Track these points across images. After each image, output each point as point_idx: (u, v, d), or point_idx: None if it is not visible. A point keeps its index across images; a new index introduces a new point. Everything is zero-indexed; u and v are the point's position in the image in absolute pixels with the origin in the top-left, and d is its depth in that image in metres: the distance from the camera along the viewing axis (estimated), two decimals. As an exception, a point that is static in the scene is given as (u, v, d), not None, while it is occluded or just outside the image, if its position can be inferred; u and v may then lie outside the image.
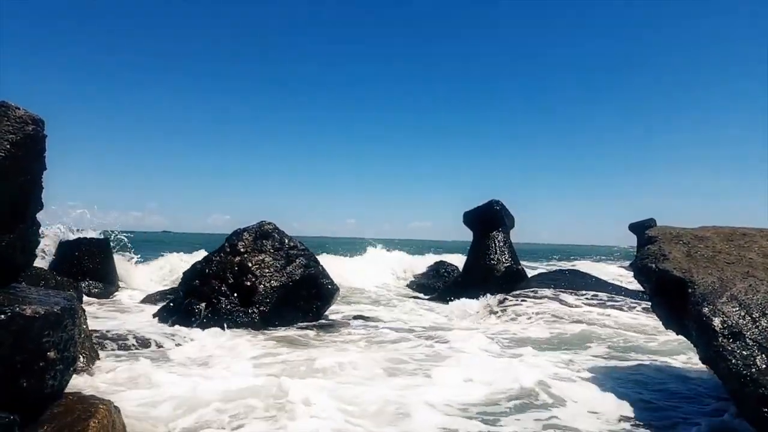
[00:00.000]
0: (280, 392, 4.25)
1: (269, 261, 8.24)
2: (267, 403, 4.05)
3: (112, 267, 12.16)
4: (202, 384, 4.52)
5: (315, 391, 4.23)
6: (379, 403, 4.12)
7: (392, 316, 9.48)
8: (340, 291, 9.18)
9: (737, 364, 3.24)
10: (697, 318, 3.65)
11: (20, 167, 3.23)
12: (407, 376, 5.00)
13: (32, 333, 2.93)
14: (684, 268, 4.06)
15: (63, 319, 3.19)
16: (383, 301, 12.08)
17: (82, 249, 11.61)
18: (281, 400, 4.10)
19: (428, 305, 11.33)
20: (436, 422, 3.76)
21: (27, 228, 3.43)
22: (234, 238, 8.50)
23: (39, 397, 3.10)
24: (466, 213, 12.83)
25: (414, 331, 7.45)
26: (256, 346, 6.39)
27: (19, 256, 3.39)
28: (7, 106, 3.21)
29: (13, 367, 2.87)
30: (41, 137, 3.39)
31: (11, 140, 3.13)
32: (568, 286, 9.91)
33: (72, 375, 3.52)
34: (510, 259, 11.83)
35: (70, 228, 12.19)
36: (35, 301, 3.10)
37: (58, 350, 3.14)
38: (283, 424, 3.66)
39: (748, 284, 3.72)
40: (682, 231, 4.68)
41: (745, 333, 3.36)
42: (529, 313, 8.48)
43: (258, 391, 4.32)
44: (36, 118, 3.31)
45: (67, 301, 3.38)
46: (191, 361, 5.56)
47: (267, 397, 4.16)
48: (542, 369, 5.07)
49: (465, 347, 6.22)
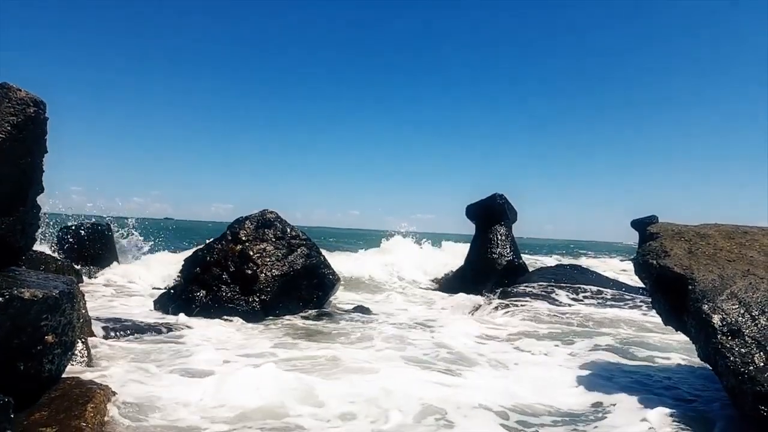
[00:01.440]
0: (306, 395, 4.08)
1: (271, 250, 8.24)
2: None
3: (113, 252, 12.18)
4: (198, 375, 4.53)
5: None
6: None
7: (390, 308, 9.43)
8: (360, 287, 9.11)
9: (735, 362, 3.23)
10: (696, 315, 3.64)
11: (21, 149, 3.22)
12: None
13: (30, 316, 2.93)
14: (685, 265, 4.04)
15: (61, 303, 3.19)
16: (387, 292, 12.05)
17: (83, 234, 11.64)
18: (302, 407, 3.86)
19: (430, 297, 11.33)
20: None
21: (27, 211, 3.44)
22: (236, 226, 8.50)
23: (36, 380, 3.11)
24: (468, 206, 12.81)
25: (409, 325, 7.42)
26: (257, 336, 6.40)
27: (18, 239, 3.39)
28: (9, 88, 3.20)
29: (11, 351, 2.88)
30: (43, 120, 3.39)
31: (12, 122, 3.13)
32: (569, 281, 9.89)
33: (70, 359, 3.54)
34: (511, 253, 11.81)
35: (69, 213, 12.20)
36: (34, 284, 3.11)
37: (56, 334, 3.15)
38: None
39: (748, 282, 3.70)
40: (683, 228, 4.65)
41: (744, 331, 3.35)
42: (525, 308, 8.43)
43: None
44: (37, 100, 3.30)
45: (66, 285, 3.39)
46: (189, 350, 5.56)
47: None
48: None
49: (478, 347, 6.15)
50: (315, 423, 3.55)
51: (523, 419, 3.78)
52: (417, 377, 4.65)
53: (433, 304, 10.37)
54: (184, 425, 3.45)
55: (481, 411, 3.86)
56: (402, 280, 14.26)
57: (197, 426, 3.44)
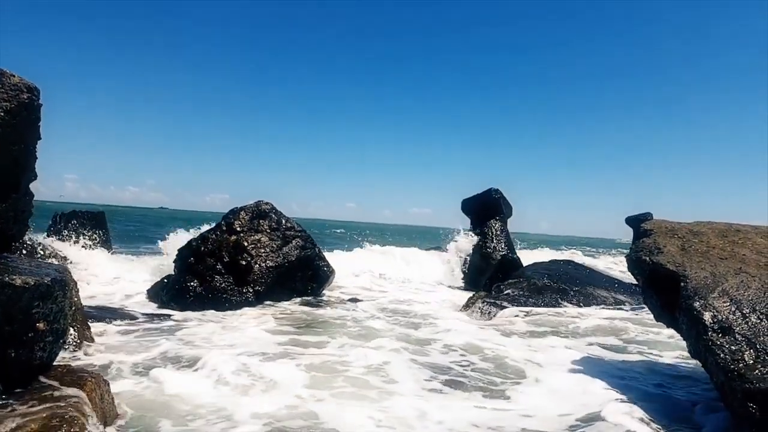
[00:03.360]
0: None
1: (265, 241, 8.24)
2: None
3: (108, 240, 12.12)
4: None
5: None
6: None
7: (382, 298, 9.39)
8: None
9: (726, 359, 3.25)
10: (688, 312, 3.65)
11: (14, 136, 3.19)
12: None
13: (21, 303, 2.92)
14: (677, 262, 4.05)
15: (53, 290, 3.17)
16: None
17: (76, 222, 11.57)
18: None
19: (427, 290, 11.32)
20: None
21: (20, 198, 3.41)
22: (230, 217, 8.47)
23: (28, 367, 3.10)
24: (464, 200, 12.80)
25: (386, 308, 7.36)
26: (251, 326, 6.39)
27: (11, 225, 3.37)
28: (2, 73, 3.17)
29: (2, 338, 2.87)
30: (36, 106, 3.35)
31: (5, 108, 3.10)
32: (562, 276, 9.90)
33: (61, 347, 3.52)
34: (506, 248, 11.82)
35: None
36: (26, 271, 3.09)
37: (47, 322, 3.14)
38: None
39: (739, 280, 3.72)
40: (677, 225, 4.67)
41: (734, 328, 3.36)
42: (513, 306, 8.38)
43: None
44: (31, 86, 3.27)
45: (58, 272, 3.37)
46: (181, 338, 5.56)
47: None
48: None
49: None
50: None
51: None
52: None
53: (429, 296, 10.28)
54: (175, 414, 3.46)
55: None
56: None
57: (189, 413, 3.46)
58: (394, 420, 3.52)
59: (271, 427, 3.33)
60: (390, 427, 3.42)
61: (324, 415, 3.56)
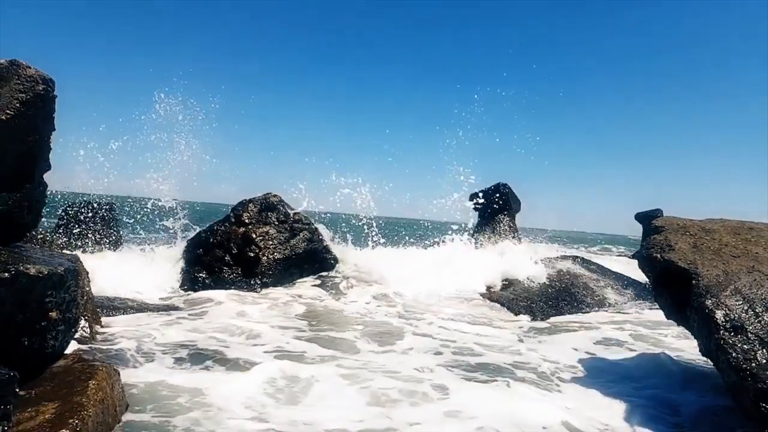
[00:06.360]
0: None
1: (273, 233, 8.27)
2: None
3: (118, 232, 12.15)
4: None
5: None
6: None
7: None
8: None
9: (738, 358, 3.23)
10: (699, 310, 3.64)
11: (29, 127, 3.22)
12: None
13: (35, 293, 2.95)
14: (689, 260, 4.03)
15: (66, 280, 3.21)
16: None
17: (88, 212, 11.60)
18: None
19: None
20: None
21: (34, 188, 3.44)
22: (239, 209, 8.52)
23: (40, 356, 3.13)
24: (472, 195, 12.77)
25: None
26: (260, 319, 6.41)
27: (25, 215, 3.40)
28: (18, 65, 3.19)
29: (16, 326, 2.90)
30: (51, 97, 3.37)
31: (21, 99, 3.12)
32: (569, 274, 9.85)
33: (73, 336, 3.55)
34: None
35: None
36: (39, 261, 3.12)
37: (60, 311, 3.17)
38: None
39: (752, 278, 3.70)
40: (689, 222, 4.64)
41: (747, 327, 3.34)
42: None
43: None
44: (46, 77, 3.29)
45: (71, 262, 3.40)
46: (195, 328, 5.58)
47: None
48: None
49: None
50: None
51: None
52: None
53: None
54: (186, 403, 3.47)
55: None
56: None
57: (201, 403, 3.47)
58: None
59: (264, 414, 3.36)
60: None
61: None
